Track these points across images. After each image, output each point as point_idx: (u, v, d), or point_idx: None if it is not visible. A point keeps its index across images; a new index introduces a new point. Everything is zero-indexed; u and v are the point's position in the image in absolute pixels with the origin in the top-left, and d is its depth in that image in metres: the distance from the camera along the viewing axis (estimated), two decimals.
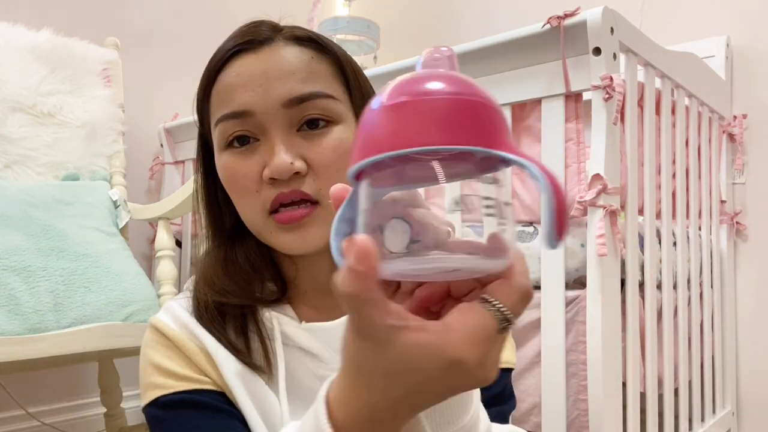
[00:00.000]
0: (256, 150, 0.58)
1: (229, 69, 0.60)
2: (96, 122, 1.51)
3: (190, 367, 0.59)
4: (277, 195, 0.57)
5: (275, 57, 0.58)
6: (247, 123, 0.58)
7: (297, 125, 0.58)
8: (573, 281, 1.09)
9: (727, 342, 1.56)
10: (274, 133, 0.57)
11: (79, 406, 1.76)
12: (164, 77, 2.02)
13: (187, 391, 0.58)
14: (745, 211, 1.62)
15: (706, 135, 1.50)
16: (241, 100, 0.58)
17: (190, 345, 0.60)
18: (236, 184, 0.59)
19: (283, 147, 0.56)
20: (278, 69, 0.58)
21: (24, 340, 1.06)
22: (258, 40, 0.60)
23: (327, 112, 0.58)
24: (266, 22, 0.62)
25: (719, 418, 1.48)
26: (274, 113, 0.57)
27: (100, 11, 1.88)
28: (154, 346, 0.62)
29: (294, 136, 0.58)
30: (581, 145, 1.06)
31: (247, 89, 0.57)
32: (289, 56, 0.59)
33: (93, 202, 1.38)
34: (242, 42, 0.60)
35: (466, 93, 0.31)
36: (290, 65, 0.58)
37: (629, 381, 1.06)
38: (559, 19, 1.01)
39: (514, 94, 1.11)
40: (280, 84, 0.57)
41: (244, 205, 0.60)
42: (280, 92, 0.57)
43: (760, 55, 1.62)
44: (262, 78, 0.57)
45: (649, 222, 1.16)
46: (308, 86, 0.58)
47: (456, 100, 0.30)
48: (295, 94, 0.57)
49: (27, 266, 1.13)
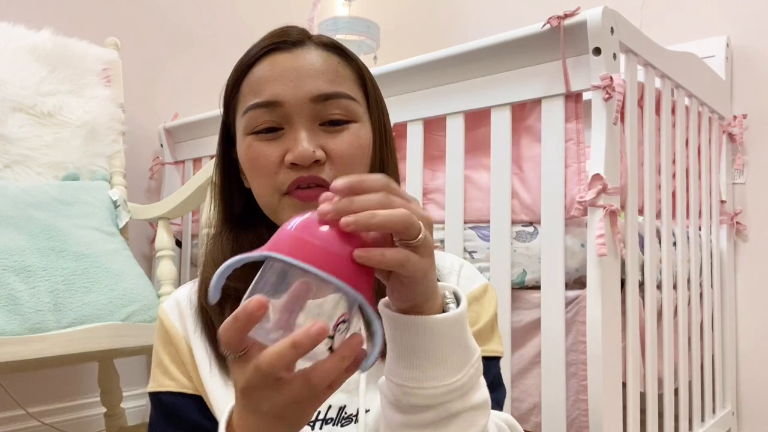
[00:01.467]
0: (281, 137, 0.64)
1: (263, 63, 0.65)
2: (96, 122, 1.51)
3: (178, 367, 0.66)
4: (297, 178, 0.63)
5: (307, 57, 0.65)
6: (276, 113, 0.64)
7: (320, 120, 0.64)
8: (573, 281, 1.09)
9: (727, 342, 1.56)
10: (299, 124, 0.63)
11: (79, 406, 1.76)
12: (164, 77, 2.02)
13: (171, 393, 0.65)
14: (745, 211, 1.62)
15: (706, 135, 1.50)
16: (272, 91, 0.63)
17: (181, 344, 0.66)
18: (257, 164, 0.65)
19: (307, 137, 0.63)
20: (309, 68, 0.64)
21: (24, 340, 1.06)
22: (290, 41, 0.66)
23: (348, 111, 0.65)
24: (297, 27, 0.68)
25: (719, 418, 1.48)
26: (302, 106, 0.63)
27: (100, 11, 1.88)
28: (158, 337, 0.69)
29: (317, 129, 0.64)
30: (581, 145, 1.06)
31: (279, 82, 0.63)
32: (319, 59, 0.65)
33: (93, 202, 1.38)
34: (277, 41, 0.66)
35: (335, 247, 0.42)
36: (320, 66, 0.65)
37: (629, 381, 1.06)
38: (559, 19, 1.01)
39: (514, 94, 1.11)
40: (310, 81, 0.63)
41: (260, 184, 0.66)
42: (309, 88, 0.63)
43: (760, 55, 1.62)
44: (294, 74, 0.63)
45: (649, 222, 1.16)
46: (334, 86, 0.64)
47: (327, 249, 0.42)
48: (323, 92, 0.63)
49: (27, 266, 1.13)
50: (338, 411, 0.64)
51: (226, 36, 2.19)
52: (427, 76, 1.23)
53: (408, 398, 0.49)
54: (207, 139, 1.81)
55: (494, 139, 1.14)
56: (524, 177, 1.14)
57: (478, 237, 1.19)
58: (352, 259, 0.42)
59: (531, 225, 1.14)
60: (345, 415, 0.63)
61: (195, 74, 2.07)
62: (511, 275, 1.12)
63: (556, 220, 1.05)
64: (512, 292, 1.12)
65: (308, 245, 0.42)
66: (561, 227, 1.04)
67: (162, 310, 0.70)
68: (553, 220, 1.06)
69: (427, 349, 0.49)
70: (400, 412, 0.51)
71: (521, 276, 1.13)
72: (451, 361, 0.49)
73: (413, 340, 0.49)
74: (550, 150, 1.07)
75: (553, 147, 1.06)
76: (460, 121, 1.20)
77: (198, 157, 1.86)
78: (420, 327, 0.48)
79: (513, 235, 1.13)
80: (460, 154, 1.19)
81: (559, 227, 1.05)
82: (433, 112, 1.23)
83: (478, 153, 1.21)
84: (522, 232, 1.14)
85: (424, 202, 1.28)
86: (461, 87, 1.19)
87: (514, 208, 1.14)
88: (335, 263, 0.42)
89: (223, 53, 2.19)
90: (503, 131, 1.13)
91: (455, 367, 0.50)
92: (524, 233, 1.14)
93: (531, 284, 1.12)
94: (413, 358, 0.49)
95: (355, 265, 0.42)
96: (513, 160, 1.14)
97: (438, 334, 0.48)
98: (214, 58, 2.15)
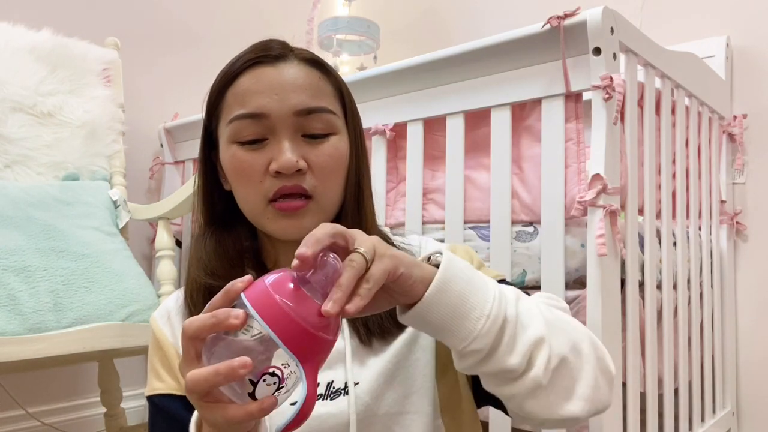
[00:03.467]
0: (264, 147, 0.68)
1: (248, 75, 0.69)
2: (96, 122, 1.51)
3: (167, 371, 0.70)
4: (281, 187, 0.67)
5: (290, 71, 0.69)
6: (261, 124, 0.67)
7: (302, 131, 0.68)
8: (573, 281, 1.09)
9: (727, 342, 1.56)
10: (283, 135, 0.67)
11: (79, 406, 1.76)
12: (164, 77, 2.02)
13: (162, 395, 0.69)
14: (745, 211, 1.62)
15: (706, 135, 1.50)
16: (258, 103, 0.67)
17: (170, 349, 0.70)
18: (242, 174, 0.68)
19: (290, 147, 0.67)
20: (293, 82, 0.68)
21: (24, 340, 1.06)
22: (273, 54, 0.70)
23: (328, 124, 0.69)
24: (278, 41, 0.72)
25: (719, 418, 1.48)
26: (286, 119, 0.67)
27: (100, 11, 1.88)
28: (150, 344, 0.73)
29: (299, 140, 0.68)
30: (581, 145, 1.06)
31: (264, 95, 0.67)
32: (302, 73, 0.69)
33: (93, 202, 1.38)
34: (261, 55, 0.69)
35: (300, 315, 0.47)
36: (303, 81, 0.69)
37: (629, 381, 1.06)
38: (559, 19, 1.01)
39: (514, 94, 1.11)
40: (294, 95, 0.67)
41: (246, 193, 0.69)
42: (293, 102, 0.67)
43: (760, 55, 1.62)
44: (279, 88, 0.67)
45: (649, 222, 1.16)
46: (316, 101, 0.69)
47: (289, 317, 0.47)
48: (306, 106, 0.68)
49: (27, 266, 1.13)
50: (326, 386, 0.67)
51: (226, 36, 2.19)
52: (427, 76, 1.23)
53: (486, 338, 0.53)
54: None
55: (494, 139, 1.14)
56: (524, 177, 1.14)
57: (478, 237, 1.19)
58: (305, 325, 0.46)
59: (531, 225, 1.14)
60: (333, 389, 0.67)
61: (195, 74, 2.07)
62: (511, 275, 1.12)
63: (556, 220, 1.05)
64: None
65: (274, 302, 0.46)
66: (561, 227, 1.04)
67: (153, 318, 0.74)
68: (553, 220, 1.06)
69: (457, 301, 0.53)
70: (494, 352, 0.54)
71: (521, 276, 1.13)
72: (477, 289, 0.54)
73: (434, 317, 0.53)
74: (550, 150, 1.07)
75: (553, 147, 1.06)
76: (460, 121, 1.20)
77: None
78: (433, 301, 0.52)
79: (513, 235, 1.13)
80: (460, 154, 1.19)
81: (559, 227, 1.05)
82: (433, 112, 1.23)
83: (478, 153, 1.21)
84: (522, 232, 1.14)
85: (424, 202, 1.28)
86: (461, 87, 1.19)
87: (514, 208, 1.14)
88: (291, 328, 0.46)
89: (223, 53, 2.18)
90: (503, 131, 1.13)
91: (482, 291, 0.54)
92: (524, 233, 1.14)
93: (531, 284, 1.12)
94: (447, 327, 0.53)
95: (305, 333, 0.46)
96: (513, 160, 1.14)
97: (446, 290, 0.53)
98: (214, 58, 2.14)
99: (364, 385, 0.67)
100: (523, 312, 0.56)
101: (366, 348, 0.69)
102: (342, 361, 0.67)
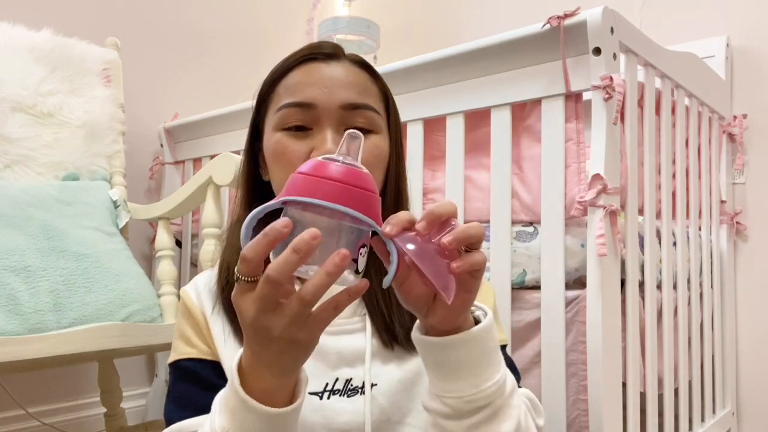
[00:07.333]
0: (308, 136, 0.70)
1: (300, 69, 0.72)
2: (96, 122, 1.51)
3: (199, 337, 0.72)
4: None
5: (341, 69, 0.72)
6: (307, 113, 0.70)
7: (346, 126, 0.70)
8: (573, 281, 1.09)
9: (727, 342, 1.56)
10: (327, 126, 0.69)
11: (79, 406, 1.76)
12: (164, 77, 2.02)
13: (192, 359, 0.71)
14: (745, 211, 1.62)
15: (706, 135, 1.50)
16: (307, 94, 0.70)
17: (200, 317, 0.72)
18: (283, 158, 0.70)
19: (333, 138, 0.68)
20: (342, 78, 0.71)
21: (24, 340, 1.05)
22: (326, 52, 0.73)
23: (371, 122, 0.71)
24: (330, 42, 0.75)
25: (719, 418, 1.48)
26: (332, 111, 0.69)
27: (100, 11, 1.88)
28: (181, 313, 0.76)
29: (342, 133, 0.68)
30: (581, 145, 1.06)
31: (315, 87, 0.70)
32: (351, 72, 0.72)
33: (93, 202, 1.38)
34: (315, 52, 0.73)
35: (350, 183, 0.47)
36: (352, 79, 0.72)
37: (629, 381, 1.06)
38: (559, 19, 1.01)
39: (514, 94, 1.11)
40: (342, 90, 0.70)
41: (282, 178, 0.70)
42: (341, 96, 0.70)
43: (760, 55, 1.62)
44: (329, 82, 0.70)
45: (649, 222, 1.16)
46: (363, 98, 0.71)
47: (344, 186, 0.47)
48: (352, 101, 0.70)
49: (27, 266, 1.13)
50: (345, 383, 0.69)
51: (227, 36, 2.19)
52: (427, 76, 1.23)
53: (470, 404, 0.56)
54: (207, 139, 1.81)
55: (494, 139, 1.14)
56: (524, 177, 1.14)
57: None
58: (360, 192, 0.46)
59: (531, 225, 1.14)
60: (351, 387, 0.69)
61: (195, 74, 2.07)
62: (511, 275, 1.12)
63: (556, 220, 1.05)
64: (512, 292, 1.12)
65: (322, 184, 0.46)
66: (561, 227, 1.05)
67: (183, 290, 0.77)
68: (553, 220, 1.06)
69: (480, 358, 0.56)
70: (462, 419, 0.57)
71: (521, 276, 1.13)
72: (496, 360, 0.58)
73: (463, 355, 0.56)
74: (550, 150, 1.07)
75: (553, 147, 1.06)
76: (460, 121, 1.20)
77: (198, 157, 1.86)
78: (469, 341, 0.55)
79: (513, 235, 1.13)
80: (460, 154, 1.19)
81: (559, 227, 1.05)
82: (433, 112, 1.23)
83: (478, 153, 1.21)
84: (522, 232, 1.14)
85: (424, 202, 1.28)
86: (461, 87, 1.19)
87: (514, 208, 1.14)
88: (348, 197, 0.46)
89: (223, 53, 2.19)
90: (503, 131, 1.13)
91: (498, 364, 0.58)
92: (524, 233, 1.14)
93: (531, 284, 1.12)
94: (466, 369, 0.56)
95: (364, 197, 0.47)
96: (513, 160, 1.14)
97: (483, 341, 0.56)
98: (214, 58, 2.15)
99: (382, 387, 0.68)
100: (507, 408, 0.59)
101: (388, 351, 0.70)
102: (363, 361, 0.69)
